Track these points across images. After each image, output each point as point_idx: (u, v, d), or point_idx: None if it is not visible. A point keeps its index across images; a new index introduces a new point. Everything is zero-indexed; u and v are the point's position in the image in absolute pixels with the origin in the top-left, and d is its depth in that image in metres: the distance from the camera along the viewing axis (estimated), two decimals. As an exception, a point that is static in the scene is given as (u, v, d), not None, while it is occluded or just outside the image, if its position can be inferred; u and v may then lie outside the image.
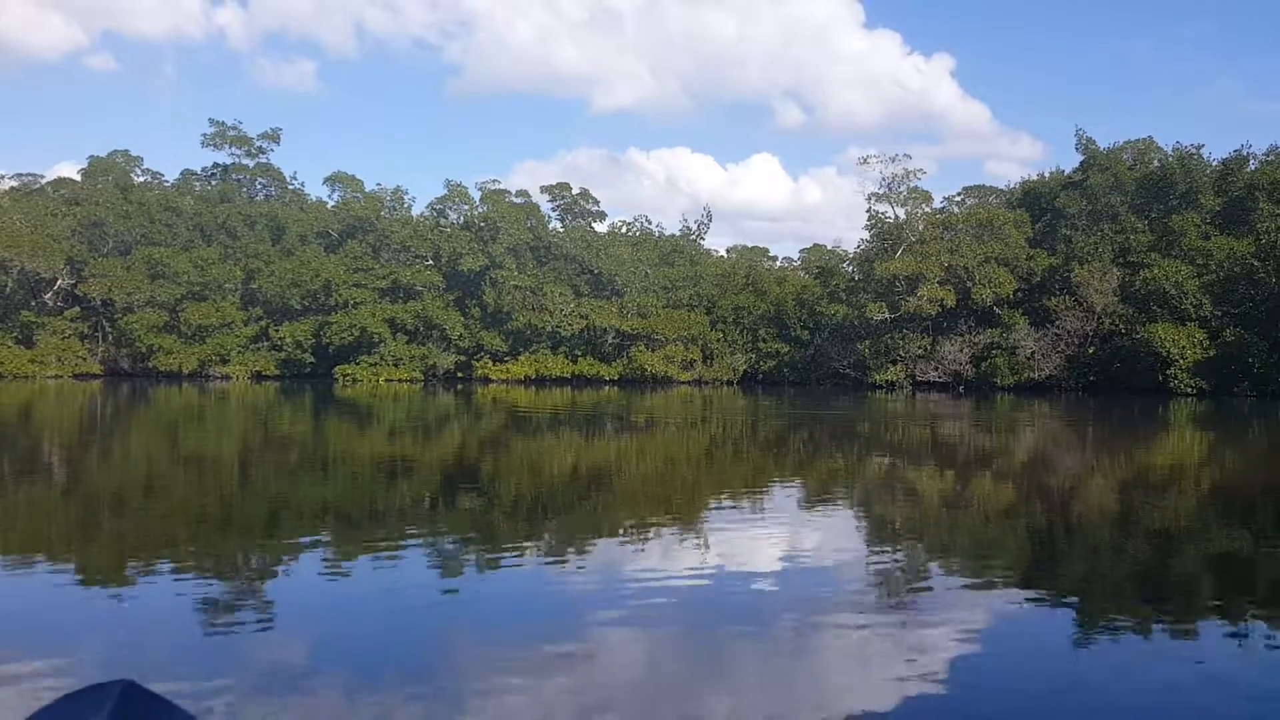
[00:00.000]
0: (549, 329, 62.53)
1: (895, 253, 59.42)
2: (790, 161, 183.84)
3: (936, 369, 56.41)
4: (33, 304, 61.33)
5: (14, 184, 70.88)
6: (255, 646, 6.15)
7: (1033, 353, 52.70)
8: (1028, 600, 7.70)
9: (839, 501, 13.44)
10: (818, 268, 68.60)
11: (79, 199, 66.48)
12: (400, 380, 60.94)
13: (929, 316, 56.78)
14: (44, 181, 71.66)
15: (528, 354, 63.02)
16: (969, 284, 55.85)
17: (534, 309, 62.62)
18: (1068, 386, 52.19)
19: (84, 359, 60.15)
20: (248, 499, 13.00)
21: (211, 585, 7.84)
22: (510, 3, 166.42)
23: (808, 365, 62.44)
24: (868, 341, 58.20)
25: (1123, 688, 5.57)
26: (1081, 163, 62.34)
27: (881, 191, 62.80)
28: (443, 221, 70.80)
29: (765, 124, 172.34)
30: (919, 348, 56.97)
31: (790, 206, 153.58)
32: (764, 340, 63.76)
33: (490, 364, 62.74)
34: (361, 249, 66.71)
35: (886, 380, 56.68)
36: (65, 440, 21.85)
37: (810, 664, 6.04)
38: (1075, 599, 7.80)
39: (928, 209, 63.94)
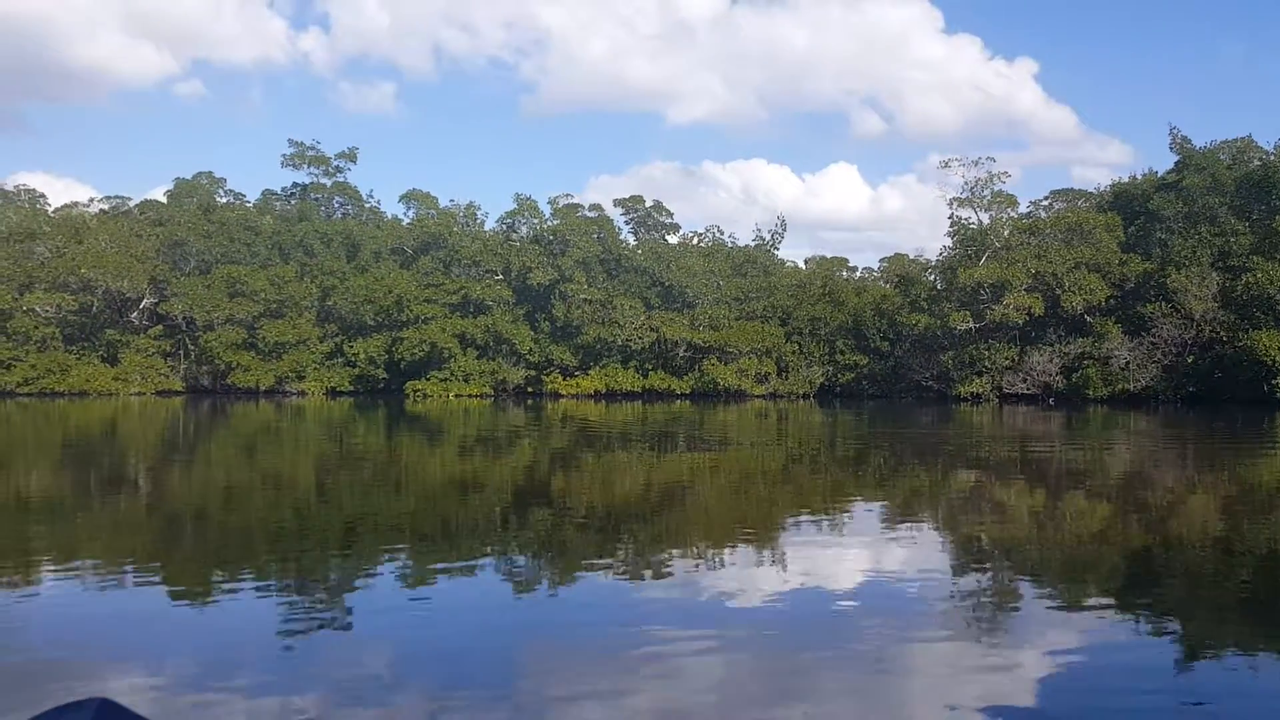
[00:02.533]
0: (619, 342, 62.87)
1: (979, 260, 58.26)
2: (869, 170, 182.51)
3: (1024, 381, 55.02)
4: (118, 323, 64.09)
5: (103, 207, 74.31)
6: (336, 658, 6.35)
7: (1127, 363, 51.05)
8: (1122, 622, 7.49)
9: (923, 519, 13.23)
10: (898, 276, 67.61)
11: (163, 220, 69.36)
12: (470, 395, 61.91)
13: (1016, 326, 55.48)
14: (132, 204, 75.01)
15: (598, 368, 63.43)
16: (1058, 291, 54.42)
17: (604, 322, 63.05)
18: (1165, 398, 50.39)
19: (166, 376, 62.53)
20: (324, 513, 13.38)
21: (292, 597, 8.11)
22: (584, 20, 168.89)
23: (888, 377, 61.53)
24: (951, 352, 57.10)
25: (1223, 712, 5.38)
26: (1176, 163, 60.31)
27: (964, 196, 61.71)
28: (513, 236, 71.87)
29: (843, 133, 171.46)
30: (1006, 358, 55.67)
31: (870, 216, 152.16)
32: (842, 352, 63.05)
33: (560, 378, 63.32)
34: (433, 264, 68.08)
35: (971, 393, 55.50)
36: (149, 455, 22.78)
37: (893, 684, 5.98)
38: (1173, 621, 7.56)
39: (1013, 214, 62.59)
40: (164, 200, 74.58)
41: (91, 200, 75.53)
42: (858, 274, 79.76)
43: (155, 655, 6.36)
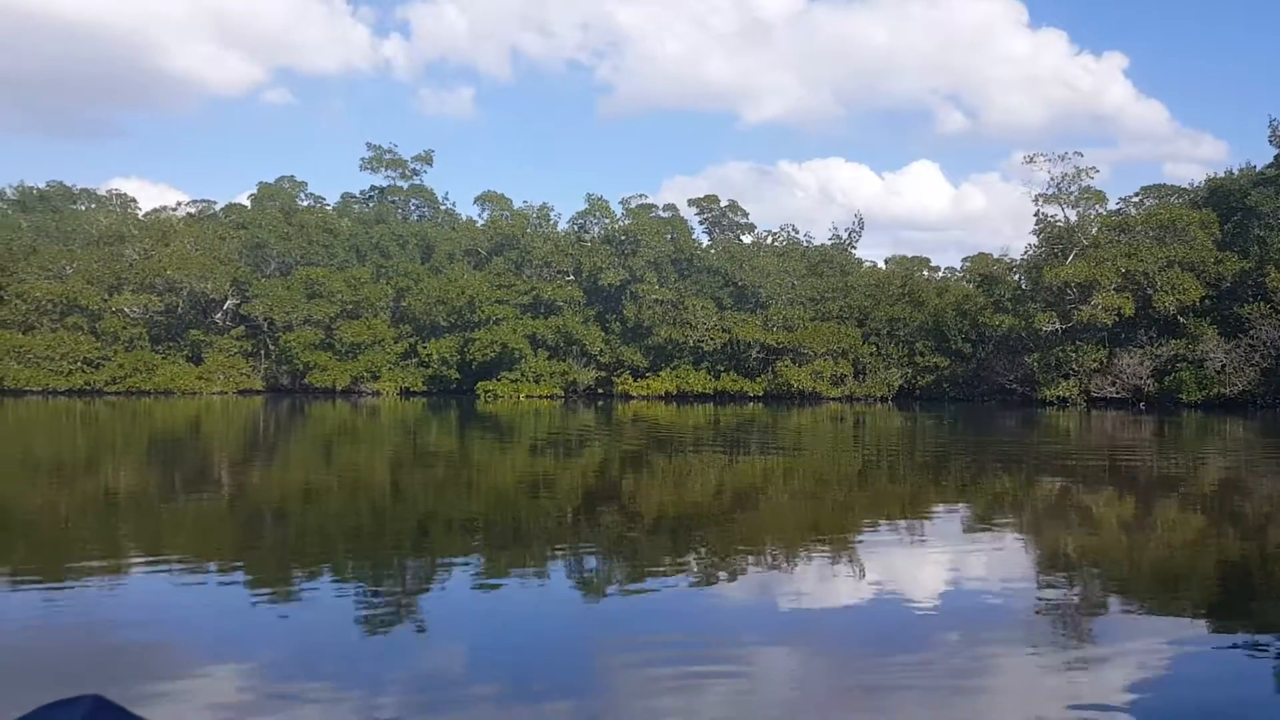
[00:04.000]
0: (690, 343, 62.81)
1: (1066, 258, 56.69)
2: (951, 168, 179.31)
3: (1114, 384, 53.33)
4: (202, 323, 66.45)
5: (190, 210, 77.26)
6: (412, 656, 6.51)
7: (1223, 366, 49.08)
8: (1215, 637, 7.24)
9: (1006, 527, 12.95)
10: (981, 276, 66.14)
11: (246, 223, 71.76)
12: (540, 396, 62.54)
13: (1105, 327, 53.81)
14: (217, 208, 77.88)
15: (669, 369, 63.49)
16: (1149, 291, 52.64)
17: (675, 323, 63.06)
18: (1265, 403, 48.31)
19: (247, 375, 64.58)
20: (399, 512, 13.69)
21: (369, 595, 8.33)
22: (660, 19, 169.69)
23: (970, 380, 60.29)
24: (1036, 354, 55.66)
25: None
26: (1276, 157, 57.78)
27: (1050, 193, 60.10)
28: (584, 236, 72.43)
29: (924, 130, 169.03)
30: (1094, 361, 54.05)
31: (952, 215, 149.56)
32: (921, 354, 61.98)
33: (630, 380, 63.55)
34: (505, 265, 69.01)
35: (1057, 396, 54.02)
36: (231, 454, 23.57)
37: (974, 695, 5.88)
38: (1271, 638, 7.27)
39: (1101, 210, 60.76)
40: (247, 204, 77.23)
41: (179, 204, 78.61)
42: (939, 274, 78.34)
43: (239, 647, 6.61)
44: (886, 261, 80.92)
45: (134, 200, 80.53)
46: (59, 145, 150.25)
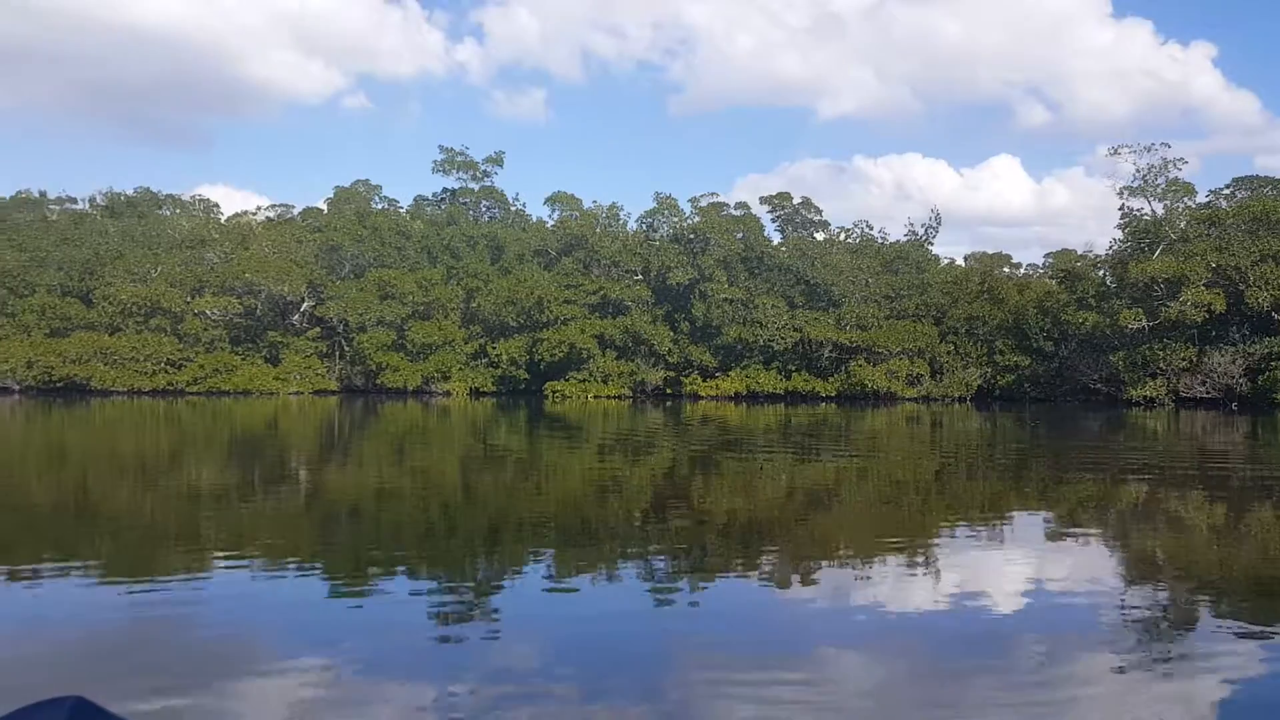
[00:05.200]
0: (761, 343, 62.45)
1: (1153, 253, 54.95)
2: (1033, 163, 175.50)
3: (1204, 383, 51.50)
4: (280, 325, 68.38)
5: (269, 215, 79.70)
6: (486, 654, 6.61)
7: (1325, 364, 47.06)
8: (1324, 650, 6.94)
9: (1090, 531, 12.61)
10: (1063, 272, 64.45)
11: (322, 227, 73.66)
12: (608, 396, 62.83)
13: (1194, 324, 51.97)
14: (295, 212, 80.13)
15: (738, 369, 63.22)
16: (1241, 286, 50.68)
17: (745, 322, 62.75)
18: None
19: (322, 376, 66.25)
20: (470, 511, 13.91)
21: (443, 593, 8.49)
22: (731, 16, 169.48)
23: (1052, 380, 58.80)
24: (1122, 353, 54.04)
25: None
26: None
27: (1135, 185, 58.32)
28: (652, 235, 72.55)
29: (1004, 125, 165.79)
30: (1183, 359, 52.25)
31: (1034, 211, 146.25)
32: (1001, 353, 60.63)
33: (699, 380, 63.44)
34: (573, 265, 69.51)
35: (1144, 396, 52.38)
36: (308, 453, 24.21)
37: (1058, 705, 5.75)
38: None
39: (1190, 203, 58.70)
40: (324, 208, 79.30)
41: (258, 209, 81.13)
42: (1020, 271, 76.57)
43: (319, 641, 6.80)
44: (966, 259, 79.37)
45: (216, 205, 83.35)
46: (149, 153, 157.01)
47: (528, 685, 5.94)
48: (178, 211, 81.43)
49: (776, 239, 73.26)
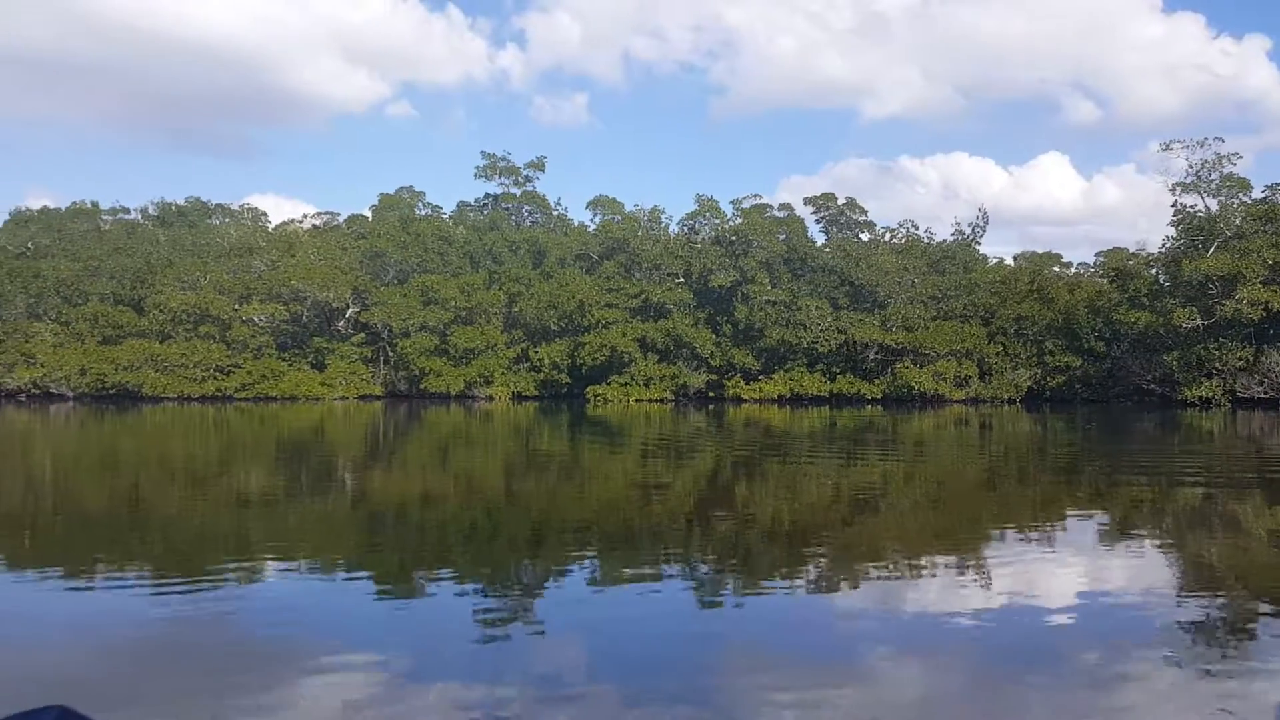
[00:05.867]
0: (804, 345, 62.09)
1: (1208, 250, 53.74)
2: (1082, 160, 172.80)
3: (1262, 383, 50.23)
4: (325, 331, 69.40)
5: (315, 222, 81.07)
6: (531, 655, 6.66)
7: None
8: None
9: (1145, 536, 12.37)
10: (1115, 270, 63.27)
11: (366, 233, 74.71)
12: (650, 400, 62.86)
13: (1251, 322, 50.74)
14: (340, 219, 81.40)
15: (782, 372, 62.92)
16: (1302, 283, 49.41)
17: (788, 324, 62.43)
18: None
19: (367, 381, 67.10)
20: (513, 514, 13.99)
21: (487, 595, 8.55)
22: (773, 18, 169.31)
23: (1104, 381, 57.76)
24: (1176, 353, 52.91)
25: None
26: None
27: (1189, 181, 57.10)
28: (694, 238, 72.49)
29: (1052, 122, 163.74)
30: (1239, 359, 51.03)
31: (1083, 209, 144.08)
32: (1051, 353, 59.69)
33: (742, 383, 63.22)
34: (615, 269, 69.69)
35: (1200, 397, 51.23)
36: (353, 457, 24.53)
37: (1113, 713, 5.65)
38: None
39: (1246, 199, 57.29)
40: (369, 215, 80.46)
41: (305, 216, 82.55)
42: (1071, 270, 75.36)
43: (367, 642, 6.90)
44: (1014, 258, 78.31)
45: (264, 214, 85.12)
46: (200, 164, 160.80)
47: (572, 687, 5.97)
48: (227, 220, 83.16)
49: (820, 240, 72.85)
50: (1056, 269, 74.71)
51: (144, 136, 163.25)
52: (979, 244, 72.52)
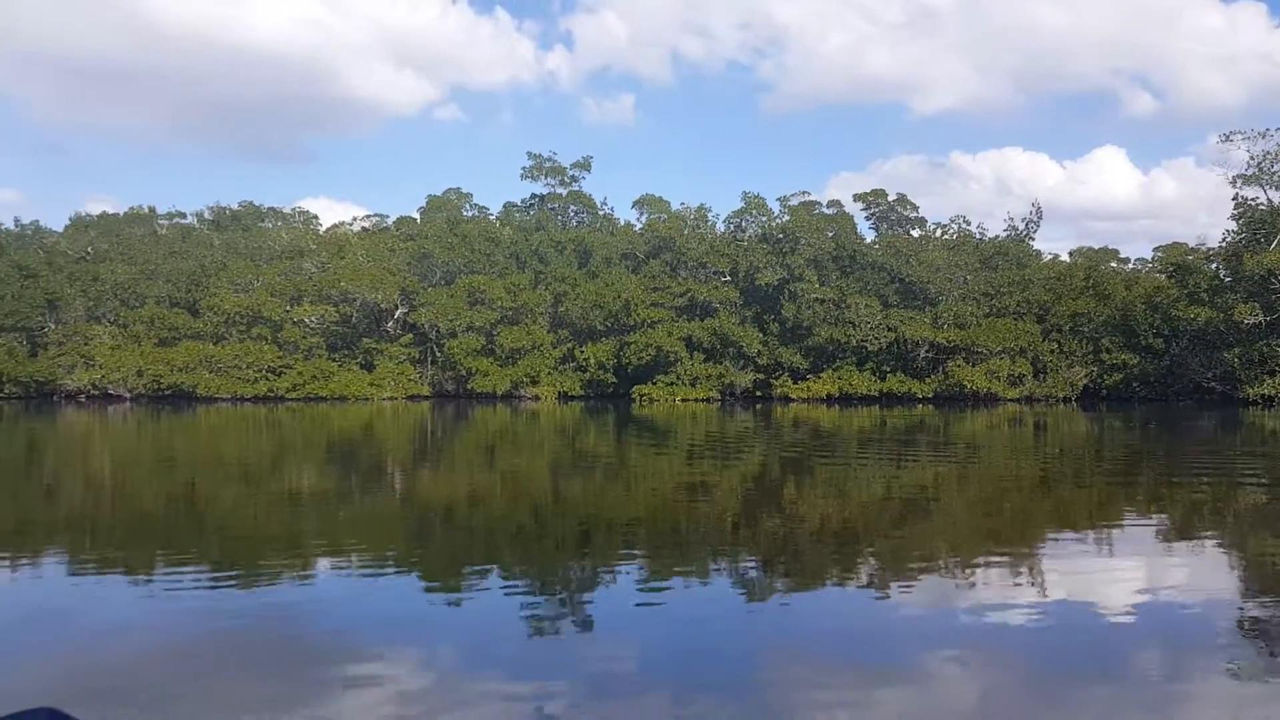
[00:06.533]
0: (853, 343, 61.60)
1: (1270, 244, 52.33)
2: (1139, 154, 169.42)
3: (1332, 381, 48.82)
4: (374, 332, 70.40)
5: (365, 225, 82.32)
6: (579, 654, 6.73)
7: None
8: None
9: (1206, 538, 12.10)
10: (1173, 266, 61.90)
11: (414, 235, 75.67)
12: (696, 400, 62.78)
13: (1319, 318, 49.39)
14: (389, 221, 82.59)
15: (830, 370, 62.48)
16: (1374, 277, 47.95)
17: (837, 322, 61.98)
18: None
19: (414, 381, 67.96)
20: (560, 514, 14.09)
21: (536, 594, 8.64)
22: (823, 14, 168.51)
23: (1162, 378, 56.56)
24: (1237, 349, 51.65)
25: None
26: None
27: (1250, 174, 55.70)
28: (740, 236, 72.30)
29: (1108, 115, 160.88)
30: (1306, 356, 49.67)
31: (1141, 203, 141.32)
32: (1108, 351, 58.59)
33: (790, 382, 62.91)
34: (660, 268, 69.76)
35: (1262, 395, 49.93)
36: (402, 457, 24.86)
37: (1173, 716, 5.56)
38: None
39: (1312, 190, 55.75)
40: (417, 217, 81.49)
41: (355, 219, 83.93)
42: (1129, 265, 73.87)
43: (419, 639, 7.02)
44: (1070, 254, 76.99)
45: (315, 217, 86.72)
46: (255, 168, 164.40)
47: (622, 685, 6.02)
48: (279, 224, 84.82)
49: (870, 238, 72.25)
50: (1113, 265, 73.34)
51: (200, 142, 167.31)
52: (1033, 240, 71.42)
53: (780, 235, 68.04)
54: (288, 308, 67.24)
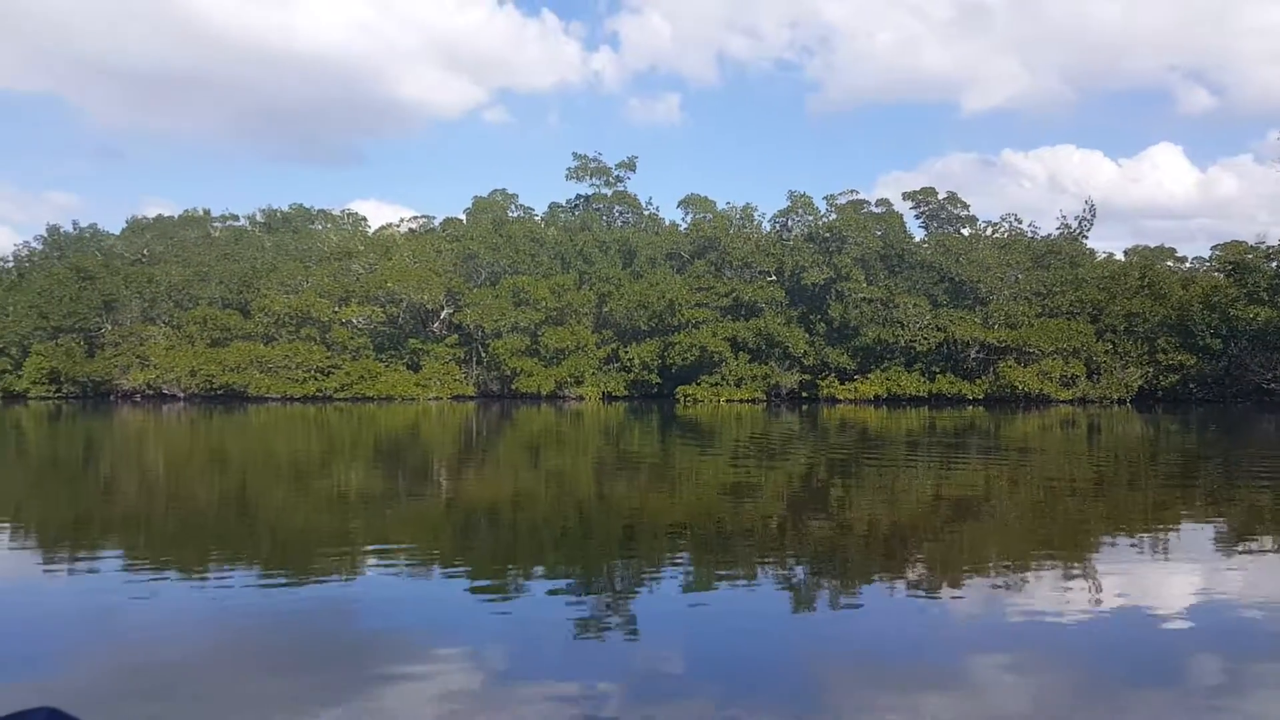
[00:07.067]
0: (902, 343, 60.96)
1: (1339, 241, 50.80)
2: (1196, 151, 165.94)
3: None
4: (420, 332, 71.15)
5: (412, 226, 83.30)
6: (626, 656, 6.73)
7: None
8: None
9: (1266, 543, 11.79)
10: (1232, 264, 60.43)
11: (459, 236, 76.38)
12: (741, 400, 62.55)
13: (1390, 318, 47.88)
14: (436, 222, 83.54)
15: (878, 371, 61.89)
16: None
17: (885, 322, 61.38)
18: None
19: (460, 382, 68.56)
20: (604, 515, 14.11)
21: (581, 595, 8.66)
22: (871, 12, 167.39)
23: (1220, 380, 55.23)
24: (1301, 350, 50.26)
25: None
26: None
27: (1315, 167, 54.12)
28: (785, 235, 71.91)
29: (1164, 111, 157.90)
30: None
31: (1198, 201, 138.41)
32: (1164, 351, 57.37)
33: (836, 383, 62.43)
34: (705, 268, 69.62)
35: (1329, 397, 48.53)
36: (448, 456, 25.08)
37: (1234, 729, 5.43)
38: None
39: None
40: (463, 218, 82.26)
41: (402, 220, 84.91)
42: (1185, 264, 72.25)
43: (465, 638, 7.08)
44: (1125, 253, 75.49)
45: (364, 219, 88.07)
46: (307, 171, 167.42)
47: (668, 687, 6.01)
48: (329, 226, 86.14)
49: (920, 237, 71.46)
50: (1170, 263, 71.76)
51: (253, 146, 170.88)
52: (1086, 238, 70.20)
53: (827, 234, 67.56)
54: (336, 308, 68.21)
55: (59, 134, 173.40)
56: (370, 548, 11.05)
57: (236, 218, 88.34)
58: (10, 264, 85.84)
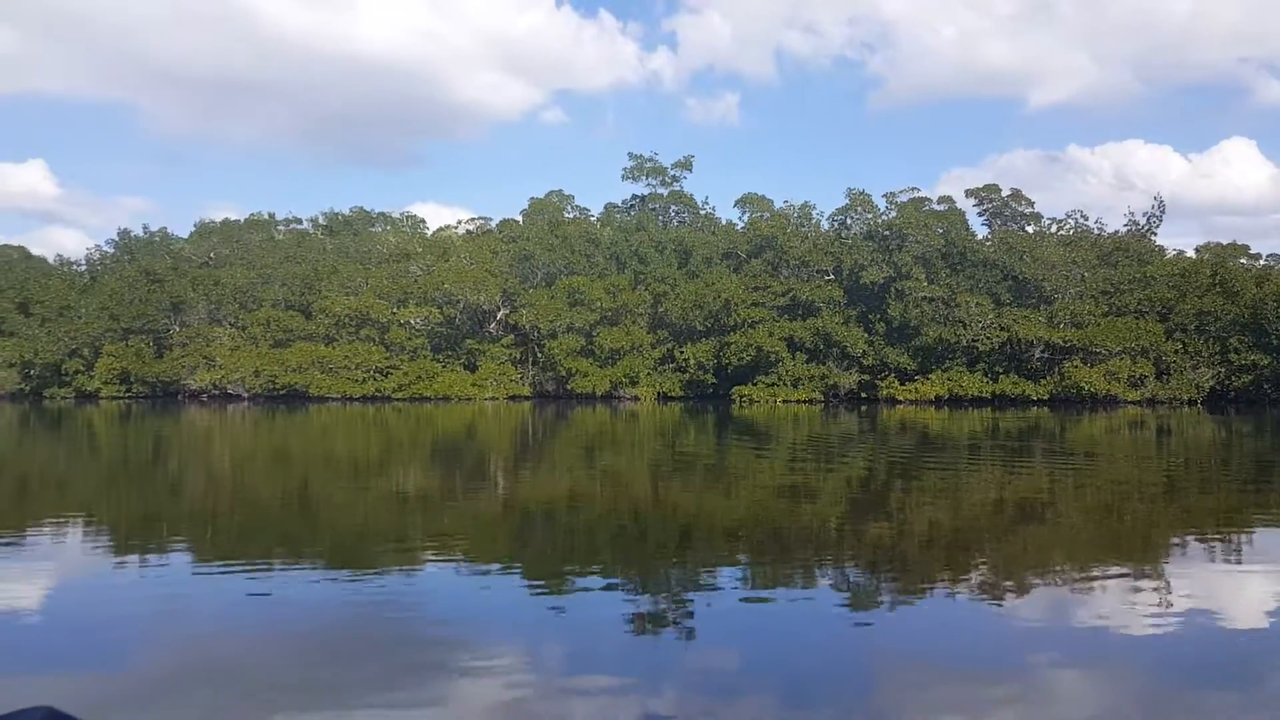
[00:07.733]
0: (964, 343, 60.00)
1: None
2: (1271, 145, 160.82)
3: None
4: (477, 333, 71.93)
5: (469, 228, 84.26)
6: (683, 658, 6.75)
7: None
8: None
9: (1349, 550, 11.39)
10: (1309, 260, 58.54)
11: (516, 237, 77.05)
12: (798, 401, 62.10)
13: None
14: (493, 224, 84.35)
15: (939, 372, 61.00)
16: None
17: (946, 321, 60.47)
18: None
19: (515, 382, 69.14)
20: (661, 516, 14.13)
21: (637, 596, 8.69)
22: (933, 6, 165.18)
23: (1298, 381, 53.42)
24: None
25: None
26: None
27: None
28: (843, 233, 71.23)
29: (1237, 104, 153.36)
30: None
31: (1272, 196, 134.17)
32: (1236, 351, 55.70)
33: (896, 383, 61.67)
34: (762, 267, 69.26)
35: None
36: (504, 456, 25.33)
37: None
38: None
39: None
40: (520, 219, 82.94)
41: (459, 222, 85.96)
42: (1260, 262, 70.05)
43: (522, 638, 7.16)
44: (1196, 250, 73.41)
45: (423, 221, 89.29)
46: (368, 175, 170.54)
47: (725, 687, 6.02)
48: (388, 228, 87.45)
49: (983, 234, 70.27)
50: (1243, 260, 69.57)
51: (316, 150, 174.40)
52: (1155, 235, 68.40)
53: (887, 232, 66.78)
54: (394, 310, 69.23)
55: (129, 140, 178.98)
56: (429, 545, 11.22)
57: (299, 221, 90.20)
58: (83, 267, 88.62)
